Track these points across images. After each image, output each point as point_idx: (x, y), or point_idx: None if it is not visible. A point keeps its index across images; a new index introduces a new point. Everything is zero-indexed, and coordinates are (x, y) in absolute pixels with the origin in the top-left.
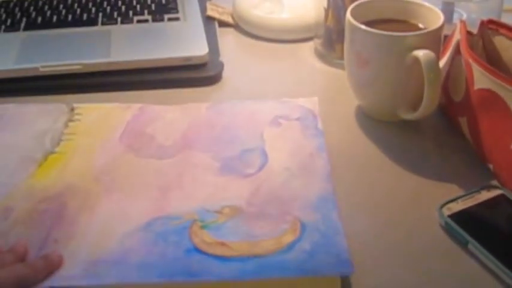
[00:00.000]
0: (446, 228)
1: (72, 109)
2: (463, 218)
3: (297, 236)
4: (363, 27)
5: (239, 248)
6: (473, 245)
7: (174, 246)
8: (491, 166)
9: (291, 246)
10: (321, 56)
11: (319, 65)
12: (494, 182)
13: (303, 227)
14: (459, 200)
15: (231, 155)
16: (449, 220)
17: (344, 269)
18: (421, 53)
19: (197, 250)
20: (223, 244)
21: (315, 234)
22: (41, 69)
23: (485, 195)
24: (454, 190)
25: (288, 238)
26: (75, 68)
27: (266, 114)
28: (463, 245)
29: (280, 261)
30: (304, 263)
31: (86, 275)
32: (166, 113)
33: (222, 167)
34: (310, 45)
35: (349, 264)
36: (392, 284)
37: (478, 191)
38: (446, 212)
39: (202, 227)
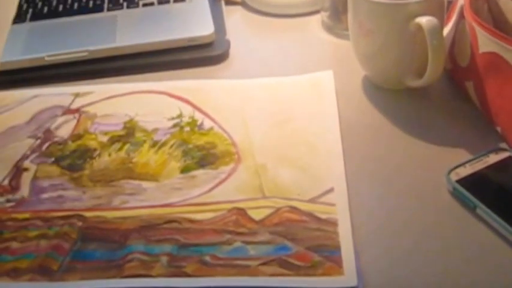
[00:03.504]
0: (455, 194)
1: None
2: (471, 183)
3: None
4: None
5: None
6: (481, 209)
7: None
8: (499, 129)
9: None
10: (329, 28)
11: (327, 37)
12: (503, 145)
13: None
14: (467, 165)
15: None
16: (457, 185)
17: None
18: (423, 20)
19: None
20: None
21: None
22: (47, 59)
23: (493, 158)
24: (463, 155)
25: None
26: (81, 55)
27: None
28: (472, 209)
29: None
30: None
31: None
32: None
33: None
34: (317, 18)
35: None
36: (400, 251)
37: (486, 155)
38: (454, 177)
39: None
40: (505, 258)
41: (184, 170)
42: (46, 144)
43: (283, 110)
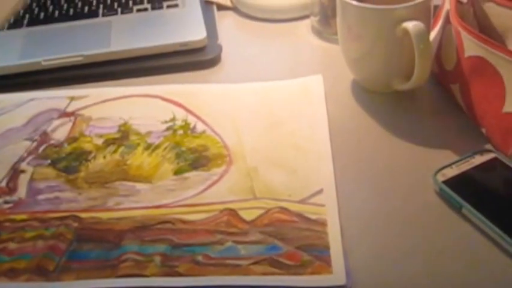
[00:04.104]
0: (441, 194)
1: None
2: (457, 183)
3: None
4: (353, 2)
5: None
6: (467, 209)
7: None
8: (484, 130)
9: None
10: (318, 33)
11: (316, 41)
12: (488, 146)
13: None
14: (453, 166)
15: None
16: (443, 186)
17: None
18: (410, 25)
19: None
20: None
21: None
22: (43, 63)
23: (478, 159)
24: (449, 156)
25: None
26: (76, 60)
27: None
28: (457, 209)
29: None
30: None
31: None
32: None
33: None
34: (307, 23)
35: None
36: (387, 250)
37: (472, 156)
38: (441, 178)
39: None
40: (490, 257)
41: (178, 172)
42: (42, 147)
43: (273, 114)
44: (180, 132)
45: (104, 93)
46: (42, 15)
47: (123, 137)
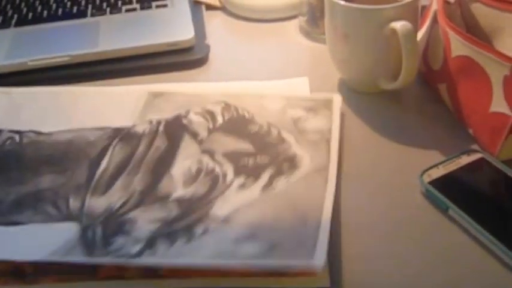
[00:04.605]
0: (427, 195)
1: None
2: (443, 184)
3: None
4: (341, 2)
5: None
6: (453, 210)
7: None
8: (471, 131)
9: None
10: (306, 33)
11: (304, 41)
12: (475, 146)
13: None
14: (440, 166)
15: None
16: (429, 187)
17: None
18: (398, 25)
19: None
20: None
21: None
22: (30, 63)
23: (465, 160)
24: (436, 156)
25: None
26: (63, 60)
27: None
28: (444, 210)
29: None
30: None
31: None
32: None
33: None
34: (295, 23)
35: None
36: (373, 251)
37: (459, 156)
38: (427, 178)
39: None
40: (476, 258)
41: None
42: None
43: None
44: None
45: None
46: (30, 15)
47: None
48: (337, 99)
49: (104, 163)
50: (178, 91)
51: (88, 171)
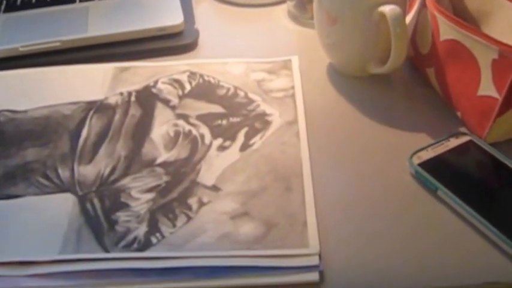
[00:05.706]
0: (417, 177)
1: None
2: (432, 166)
3: None
4: None
5: None
6: (442, 191)
7: None
8: (459, 114)
9: None
10: (294, 18)
11: (292, 26)
12: (463, 129)
13: None
14: (429, 148)
15: None
16: (418, 168)
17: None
18: (387, 9)
19: None
20: None
21: None
22: (21, 49)
23: (454, 142)
24: (425, 139)
25: None
26: (54, 46)
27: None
28: (433, 191)
29: None
30: None
31: None
32: None
33: None
34: (283, 7)
35: None
36: (364, 233)
37: (447, 139)
38: (416, 160)
39: None
40: (465, 238)
41: None
42: None
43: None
44: None
45: None
46: (19, 1)
47: None
48: (295, 59)
49: (84, 133)
50: (143, 64)
51: (70, 142)
